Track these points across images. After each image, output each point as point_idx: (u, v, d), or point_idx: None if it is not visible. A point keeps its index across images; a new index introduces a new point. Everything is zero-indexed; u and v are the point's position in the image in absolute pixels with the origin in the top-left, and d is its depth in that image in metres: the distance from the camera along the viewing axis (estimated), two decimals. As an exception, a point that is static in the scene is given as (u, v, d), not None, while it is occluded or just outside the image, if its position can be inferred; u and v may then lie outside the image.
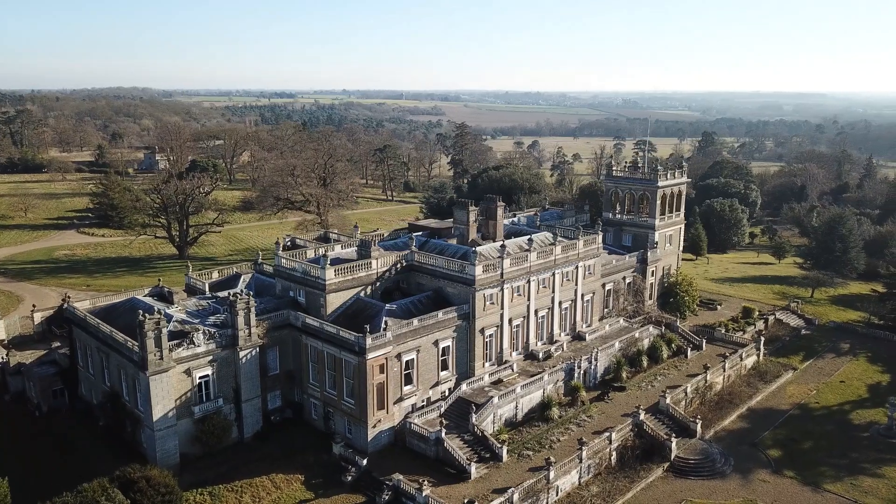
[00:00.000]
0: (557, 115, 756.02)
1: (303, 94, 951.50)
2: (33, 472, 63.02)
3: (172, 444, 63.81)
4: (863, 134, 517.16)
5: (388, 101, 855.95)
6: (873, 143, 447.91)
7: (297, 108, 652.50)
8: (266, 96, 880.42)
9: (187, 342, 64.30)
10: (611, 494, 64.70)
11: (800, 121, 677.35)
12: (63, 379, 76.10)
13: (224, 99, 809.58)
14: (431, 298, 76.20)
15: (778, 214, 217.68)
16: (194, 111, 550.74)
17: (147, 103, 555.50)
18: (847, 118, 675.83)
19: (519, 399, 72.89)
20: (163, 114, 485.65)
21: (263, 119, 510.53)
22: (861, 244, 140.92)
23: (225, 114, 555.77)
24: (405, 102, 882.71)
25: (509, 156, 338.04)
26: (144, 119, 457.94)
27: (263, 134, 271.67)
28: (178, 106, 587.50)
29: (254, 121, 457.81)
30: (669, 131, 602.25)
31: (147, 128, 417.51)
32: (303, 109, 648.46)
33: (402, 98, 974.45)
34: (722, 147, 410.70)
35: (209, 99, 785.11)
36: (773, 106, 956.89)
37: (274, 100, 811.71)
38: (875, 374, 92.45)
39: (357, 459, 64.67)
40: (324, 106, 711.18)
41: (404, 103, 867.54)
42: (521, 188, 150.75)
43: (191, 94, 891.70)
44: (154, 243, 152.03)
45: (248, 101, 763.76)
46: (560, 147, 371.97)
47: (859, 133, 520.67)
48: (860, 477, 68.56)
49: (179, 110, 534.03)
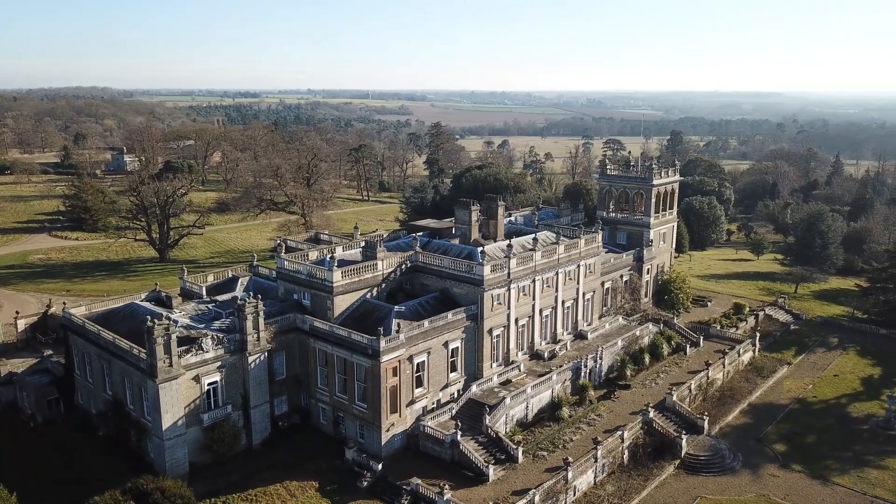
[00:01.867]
0: (524, 114, 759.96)
1: (267, 94, 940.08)
2: (38, 485, 60.69)
3: (182, 454, 62.03)
4: (822, 132, 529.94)
5: (354, 101, 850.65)
6: (832, 142, 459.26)
7: (263, 108, 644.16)
8: (230, 96, 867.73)
9: (196, 348, 62.54)
10: (627, 493, 64.69)
11: (760, 119, 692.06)
12: (58, 388, 73.45)
13: (187, 99, 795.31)
14: (438, 299, 75.44)
15: (750, 211, 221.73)
16: (158, 111, 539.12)
17: (109, 103, 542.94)
18: (805, 117, 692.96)
19: (529, 399, 72.60)
20: (126, 114, 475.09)
21: (230, 119, 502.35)
22: (839, 240, 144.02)
23: (190, 114, 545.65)
24: (372, 102, 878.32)
25: (483, 155, 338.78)
26: (107, 119, 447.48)
27: (235, 134, 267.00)
28: (141, 106, 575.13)
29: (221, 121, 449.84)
30: (635, 130, 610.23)
31: (110, 128, 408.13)
32: (269, 109, 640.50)
33: (368, 97, 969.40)
34: (688, 146, 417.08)
35: (171, 98, 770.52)
36: (733, 105, 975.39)
37: (238, 99, 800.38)
38: (866, 367, 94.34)
39: (372, 464, 63.64)
40: (290, 106, 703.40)
41: (371, 103, 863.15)
42: (506, 188, 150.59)
43: (152, 94, 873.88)
44: (132, 246, 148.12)
45: (212, 100, 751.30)
46: (532, 146, 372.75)
47: (818, 132, 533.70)
48: (865, 469, 69.73)
49: (143, 110, 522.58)
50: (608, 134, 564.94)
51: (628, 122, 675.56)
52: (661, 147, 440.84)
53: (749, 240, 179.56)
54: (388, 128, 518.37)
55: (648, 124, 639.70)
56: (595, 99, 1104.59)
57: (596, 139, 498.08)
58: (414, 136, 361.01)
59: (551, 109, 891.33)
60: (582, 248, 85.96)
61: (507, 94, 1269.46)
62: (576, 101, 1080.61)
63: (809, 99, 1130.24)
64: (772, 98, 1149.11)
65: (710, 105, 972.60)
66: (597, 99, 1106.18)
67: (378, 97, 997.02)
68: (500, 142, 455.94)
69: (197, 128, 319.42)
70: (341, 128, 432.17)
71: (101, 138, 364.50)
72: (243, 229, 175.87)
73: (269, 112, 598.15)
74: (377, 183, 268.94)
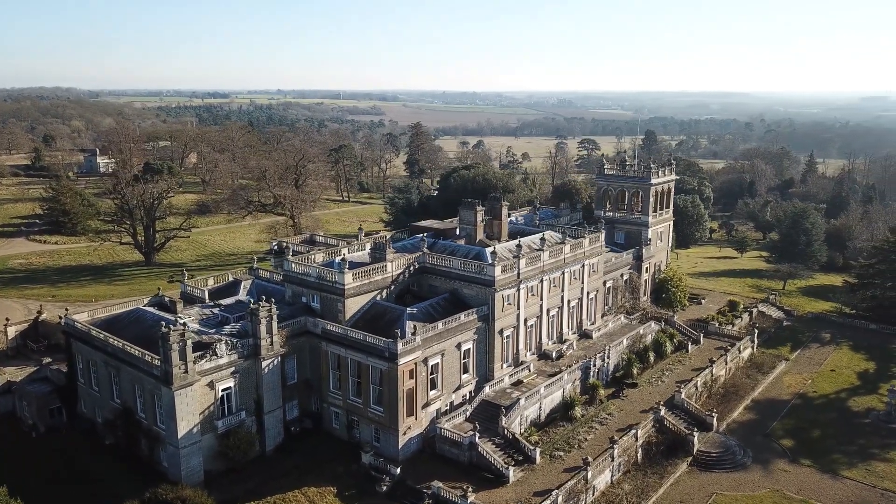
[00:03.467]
0: (496, 114, 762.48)
1: (237, 94, 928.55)
2: (47, 496, 58.89)
3: (197, 462, 60.77)
4: (789, 132, 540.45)
5: (326, 101, 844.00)
6: (800, 141, 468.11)
7: (234, 109, 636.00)
8: (199, 96, 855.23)
9: (210, 353, 61.25)
10: (644, 492, 64.97)
11: (728, 119, 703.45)
12: (60, 396, 71.40)
13: (155, 99, 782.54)
14: (449, 301, 75.00)
15: (728, 210, 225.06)
16: (127, 112, 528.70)
17: (75, 104, 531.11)
18: (771, 116, 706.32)
19: (542, 399, 72.56)
20: (93, 115, 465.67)
21: (201, 120, 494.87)
22: (822, 237, 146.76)
23: (160, 114, 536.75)
24: (344, 102, 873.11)
25: (461, 155, 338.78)
26: (74, 120, 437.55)
27: (212, 134, 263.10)
28: (109, 106, 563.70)
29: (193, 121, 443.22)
30: (606, 130, 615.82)
31: (78, 129, 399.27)
32: (240, 110, 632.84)
33: (339, 98, 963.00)
34: (661, 145, 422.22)
35: (139, 99, 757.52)
36: (701, 105, 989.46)
37: (208, 100, 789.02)
38: (861, 362, 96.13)
39: (389, 468, 63.00)
40: (261, 106, 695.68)
41: (343, 103, 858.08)
42: (494, 188, 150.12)
43: (118, 95, 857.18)
44: (116, 250, 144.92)
45: (181, 101, 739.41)
46: (510, 147, 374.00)
47: (785, 131, 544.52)
48: (872, 462, 70.98)
49: (111, 111, 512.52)
50: (581, 134, 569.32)
51: (600, 122, 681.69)
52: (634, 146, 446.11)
53: (731, 237, 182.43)
54: (362, 128, 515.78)
55: (620, 124, 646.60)
56: (566, 99, 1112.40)
57: (570, 139, 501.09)
58: (391, 137, 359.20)
59: (523, 109, 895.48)
60: (586, 247, 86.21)
61: (478, 94, 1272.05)
62: (546, 101, 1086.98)
63: (775, 99, 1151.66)
64: (738, 98, 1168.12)
65: (678, 105, 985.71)
66: (567, 99, 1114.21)
67: (350, 97, 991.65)
68: (475, 142, 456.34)
69: (172, 129, 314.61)
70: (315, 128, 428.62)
71: (69, 139, 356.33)
72: (227, 232, 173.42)
73: (241, 112, 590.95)
74: (357, 184, 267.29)
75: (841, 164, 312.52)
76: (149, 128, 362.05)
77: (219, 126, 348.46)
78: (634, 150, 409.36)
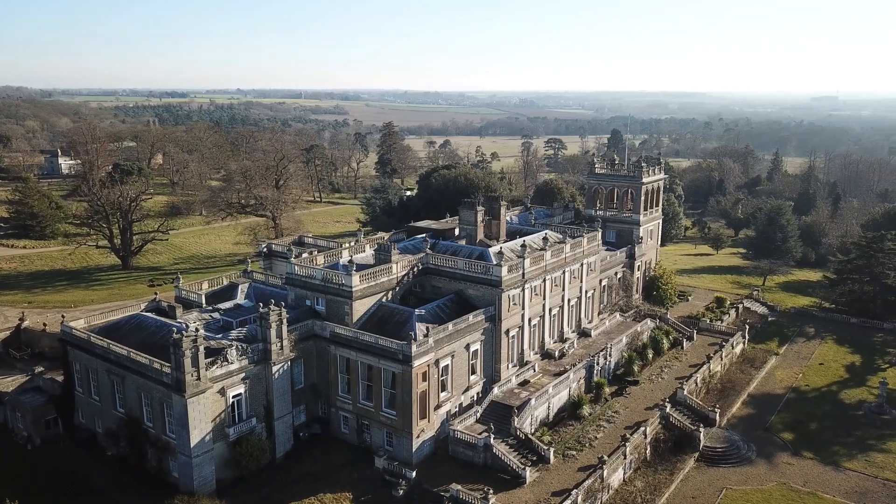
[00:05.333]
0: (460, 114, 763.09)
1: (195, 94, 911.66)
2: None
3: (209, 471, 59.20)
4: (747, 130, 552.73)
5: (288, 101, 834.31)
6: (757, 139, 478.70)
7: (194, 108, 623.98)
8: (156, 96, 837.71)
9: (221, 359, 59.72)
10: (656, 488, 65.36)
11: (687, 118, 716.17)
12: (56, 407, 68.85)
13: (111, 99, 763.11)
14: (455, 301, 74.49)
15: (698, 207, 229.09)
16: (83, 112, 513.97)
17: (29, 103, 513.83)
18: (729, 115, 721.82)
19: (551, 399, 72.59)
20: (49, 115, 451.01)
21: (161, 120, 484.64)
22: (797, 234, 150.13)
23: (118, 114, 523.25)
24: (306, 102, 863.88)
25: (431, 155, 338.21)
26: (28, 120, 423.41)
27: (179, 135, 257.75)
28: (64, 106, 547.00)
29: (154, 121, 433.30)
30: (570, 129, 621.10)
31: (33, 129, 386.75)
32: (201, 109, 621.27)
33: (301, 97, 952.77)
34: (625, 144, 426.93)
35: (94, 99, 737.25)
36: (660, 104, 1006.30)
37: (166, 99, 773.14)
38: (846, 355, 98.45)
39: (405, 472, 62.28)
40: (222, 106, 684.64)
41: (305, 102, 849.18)
42: (477, 188, 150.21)
43: (72, 94, 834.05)
44: (90, 254, 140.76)
45: (138, 100, 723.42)
46: (479, 146, 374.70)
47: (743, 129, 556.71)
48: (871, 454, 72.58)
49: (66, 111, 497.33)
50: (544, 133, 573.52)
51: (563, 122, 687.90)
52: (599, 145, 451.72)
53: (705, 234, 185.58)
54: (326, 127, 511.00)
55: (583, 123, 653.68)
56: (527, 99, 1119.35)
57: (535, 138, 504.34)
58: (359, 136, 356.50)
59: (486, 109, 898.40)
60: (585, 246, 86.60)
61: (441, 94, 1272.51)
62: (508, 100, 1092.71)
63: (731, 98, 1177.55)
64: (695, 98, 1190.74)
65: (638, 104, 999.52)
66: (529, 99, 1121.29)
67: (311, 97, 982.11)
68: (441, 141, 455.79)
69: (134, 129, 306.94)
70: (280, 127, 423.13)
71: (24, 140, 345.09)
72: (202, 234, 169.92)
73: (202, 112, 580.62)
74: (329, 184, 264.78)
75: (801, 161, 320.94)
76: (108, 128, 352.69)
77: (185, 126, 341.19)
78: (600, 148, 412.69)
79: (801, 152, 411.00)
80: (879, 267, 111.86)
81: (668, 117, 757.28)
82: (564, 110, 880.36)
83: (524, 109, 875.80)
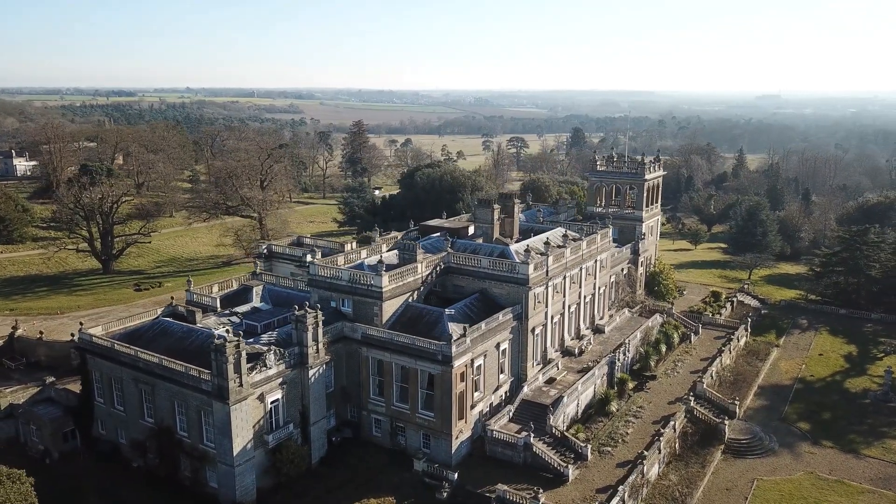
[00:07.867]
0: (417, 113, 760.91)
1: (143, 93, 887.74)
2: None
3: (251, 480, 57.44)
4: (699, 128, 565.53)
5: (241, 100, 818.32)
6: (710, 136, 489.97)
7: (144, 108, 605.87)
8: (102, 94, 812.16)
9: (260, 365, 57.88)
10: (691, 481, 65.99)
11: (640, 117, 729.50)
12: (74, 418, 65.74)
13: (55, 98, 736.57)
14: (480, 301, 73.88)
15: (667, 203, 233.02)
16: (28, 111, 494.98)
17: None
18: (680, 114, 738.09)
19: (579, 396, 72.65)
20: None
21: (112, 119, 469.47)
22: (776, 228, 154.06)
23: (65, 113, 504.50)
24: (259, 100, 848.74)
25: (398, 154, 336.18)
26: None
27: (144, 134, 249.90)
28: (7, 105, 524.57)
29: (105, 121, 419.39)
30: (526, 128, 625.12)
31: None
32: (151, 108, 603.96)
33: (254, 96, 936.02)
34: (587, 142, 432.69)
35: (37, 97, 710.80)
36: (612, 103, 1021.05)
37: (113, 98, 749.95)
38: (843, 345, 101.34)
39: (446, 474, 61.42)
40: (173, 105, 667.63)
41: (259, 101, 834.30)
42: (463, 186, 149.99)
43: (13, 93, 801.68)
44: (68, 258, 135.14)
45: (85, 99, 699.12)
46: (444, 145, 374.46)
47: (696, 127, 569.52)
48: (886, 441, 74.76)
49: (10, 110, 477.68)
50: (501, 132, 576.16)
51: (519, 121, 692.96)
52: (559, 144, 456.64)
53: (681, 230, 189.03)
54: (284, 126, 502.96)
55: (539, 122, 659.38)
56: (482, 98, 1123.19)
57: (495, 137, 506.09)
58: (323, 136, 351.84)
59: (441, 108, 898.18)
60: (598, 243, 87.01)
61: (395, 92, 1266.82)
62: (463, 99, 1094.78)
63: (679, 97, 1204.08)
64: (645, 96, 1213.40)
65: (590, 103, 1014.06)
66: (483, 98, 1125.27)
67: (264, 95, 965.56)
68: (402, 140, 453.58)
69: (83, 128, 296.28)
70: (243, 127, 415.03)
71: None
72: (178, 236, 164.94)
73: (154, 111, 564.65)
74: (298, 183, 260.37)
75: (758, 158, 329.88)
76: (62, 127, 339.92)
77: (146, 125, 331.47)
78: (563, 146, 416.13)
79: (752, 149, 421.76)
80: (864, 259, 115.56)
81: (621, 115, 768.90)
82: (520, 109, 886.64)
83: (479, 108, 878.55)
